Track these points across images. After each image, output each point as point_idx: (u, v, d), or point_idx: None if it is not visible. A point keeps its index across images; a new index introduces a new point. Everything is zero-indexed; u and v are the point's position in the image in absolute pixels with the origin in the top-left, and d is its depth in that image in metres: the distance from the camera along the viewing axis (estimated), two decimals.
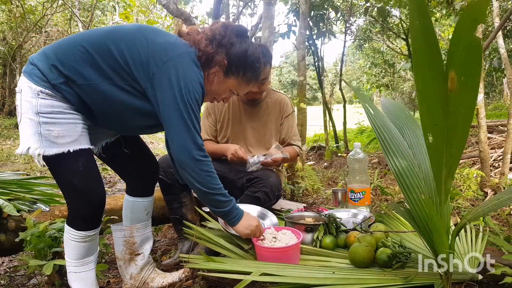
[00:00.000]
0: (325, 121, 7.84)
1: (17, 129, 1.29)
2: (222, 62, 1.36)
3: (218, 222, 1.66)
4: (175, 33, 1.43)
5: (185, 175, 1.31)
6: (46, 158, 1.24)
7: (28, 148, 1.22)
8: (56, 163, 1.26)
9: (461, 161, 4.21)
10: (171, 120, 1.26)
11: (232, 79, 1.42)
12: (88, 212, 1.33)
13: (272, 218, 1.75)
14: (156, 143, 9.31)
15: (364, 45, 10.47)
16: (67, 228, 1.35)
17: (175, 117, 1.25)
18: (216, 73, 1.38)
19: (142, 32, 1.32)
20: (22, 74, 1.26)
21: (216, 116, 2.17)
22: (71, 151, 1.25)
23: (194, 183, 1.31)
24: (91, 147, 1.32)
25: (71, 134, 1.25)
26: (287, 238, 1.50)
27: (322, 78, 7.18)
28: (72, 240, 1.34)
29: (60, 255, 1.57)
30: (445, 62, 0.82)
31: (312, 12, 6.30)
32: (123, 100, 1.30)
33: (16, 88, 1.27)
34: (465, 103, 0.85)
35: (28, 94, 1.22)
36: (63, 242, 1.40)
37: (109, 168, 1.66)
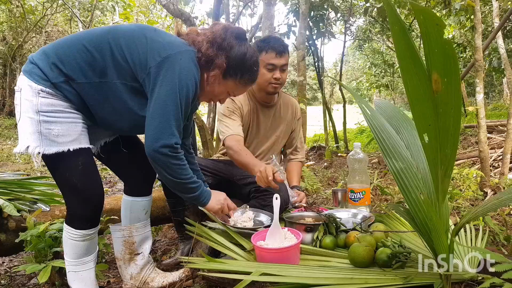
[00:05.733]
0: (325, 121, 7.85)
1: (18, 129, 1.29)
2: (221, 65, 1.37)
3: (219, 222, 1.67)
4: (174, 33, 1.44)
5: (157, 168, 1.33)
6: (45, 157, 1.24)
7: (28, 146, 1.22)
8: (56, 162, 1.27)
9: (460, 161, 4.22)
10: (155, 115, 1.26)
11: (230, 82, 1.43)
12: (87, 211, 1.34)
13: (265, 214, 1.78)
14: None
15: (364, 45, 10.48)
16: (65, 227, 1.36)
17: (160, 113, 1.26)
18: (216, 76, 1.39)
19: (142, 31, 1.33)
20: (21, 73, 1.27)
21: (243, 116, 2.08)
22: (71, 150, 1.25)
23: (166, 175, 1.34)
24: (90, 146, 1.33)
25: (71, 133, 1.26)
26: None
27: (322, 78, 7.18)
28: (70, 239, 1.34)
29: (60, 255, 1.57)
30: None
31: (312, 12, 6.30)
32: (123, 99, 1.30)
33: (15, 87, 1.28)
34: (452, 104, 0.86)
35: (28, 93, 1.22)
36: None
37: (108, 168, 1.67)
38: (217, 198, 1.54)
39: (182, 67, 1.27)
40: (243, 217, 1.69)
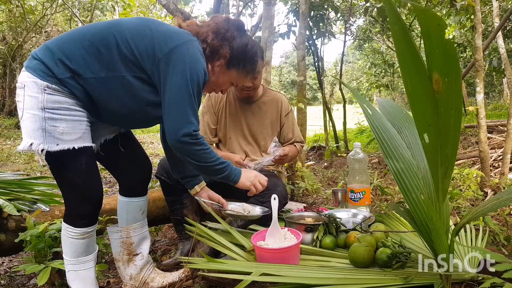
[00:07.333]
0: (325, 121, 7.83)
1: (17, 129, 1.29)
2: (226, 55, 1.40)
3: (220, 223, 1.67)
4: (175, 25, 1.46)
5: (184, 157, 1.36)
6: (48, 154, 1.24)
7: (31, 144, 1.21)
8: (59, 160, 1.27)
9: (461, 161, 4.21)
10: (171, 106, 1.29)
11: (233, 71, 1.47)
12: (86, 209, 1.34)
13: (258, 207, 1.79)
14: (157, 143, 9.30)
15: (364, 45, 10.47)
16: (64, 225, 1.35)
17: (175, 104, 1.28)
18: (221, 65, 1.42)
19: (146, 23, 1.34)
20: (24, 69, 1.25)
21: (215, 112, 2.17)
22: (76, 148, 1.25)
23: (192, 161, 1.36)
24: (93, 145, 1.33)
25: (76, 131, 1.26)
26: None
27: (322, 78, 7.17)
28: (70, 237, 1.34)
29: (60, 255, 1.57)
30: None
31: (312, 12, 6.29)
32: (132, 91, 1.31)
33: (17, 84, 1.27)
34: (453, 104, 0.86)
35: (33, 89, 1.21)
36: None
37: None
38: (247, 175, 1.54)
39: (190, 57, 1.29)
40: (238, 209, 1.70)
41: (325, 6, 6.41)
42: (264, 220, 1.74)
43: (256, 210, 1.74)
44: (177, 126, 1.29)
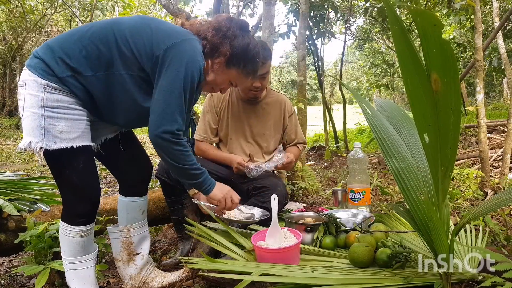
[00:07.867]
0: (325, 121, 7.84)
1: (17, 129, 1.29)
2: (225, 53, 1.39)
3: (219, 222, 1.66)
4: (178, 25, 1.46)
5: (159, 153, 1.35)
6: (47, 153, 1.24)
7: (30, 142, 1.21)
8: (57, 159, 1.27)
9: (461, 161, 4.21)
10: (159, 101, 1.27)
11: (233, 71, 1.45)
12: (84, 208, 1.34)
13: (257, 209, 1.78)
14: None
15: (364, 45, 10.47)
16: (62, 224, 1.36)
17: (164, 99, 1.27)
18: (220, 63, 1.41)
19: (146, 21, 1.34)
20: (25, 67, 1.26)
21: (217, 112, 2.17)
22: (74, 147, 1.25)
23: (168, 160, 1.35)
24: (92, 144, 1.33)
25: (75, 130, 1.26)
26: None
27: (322, 78, 7.17)
28: (68, 236, 1.34)
29: (60, 255, 1.57)
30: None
31: (312, 12, 6.29)
32: (130, 91, 1.31)
33: (19, 83, 1.27)
34: (452, 104, 0.86)
35: (33, 88, 1.22)
36: None
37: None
38: (221, 188, 1.53)
39: (188, 55, 1.28)
40: (234, 211, 1.69)
41: (325, 6, 6.41)
42: (264, 220, 1.74)
43: (255, 213, 1.74)
44: (161, 121, 1.27)
